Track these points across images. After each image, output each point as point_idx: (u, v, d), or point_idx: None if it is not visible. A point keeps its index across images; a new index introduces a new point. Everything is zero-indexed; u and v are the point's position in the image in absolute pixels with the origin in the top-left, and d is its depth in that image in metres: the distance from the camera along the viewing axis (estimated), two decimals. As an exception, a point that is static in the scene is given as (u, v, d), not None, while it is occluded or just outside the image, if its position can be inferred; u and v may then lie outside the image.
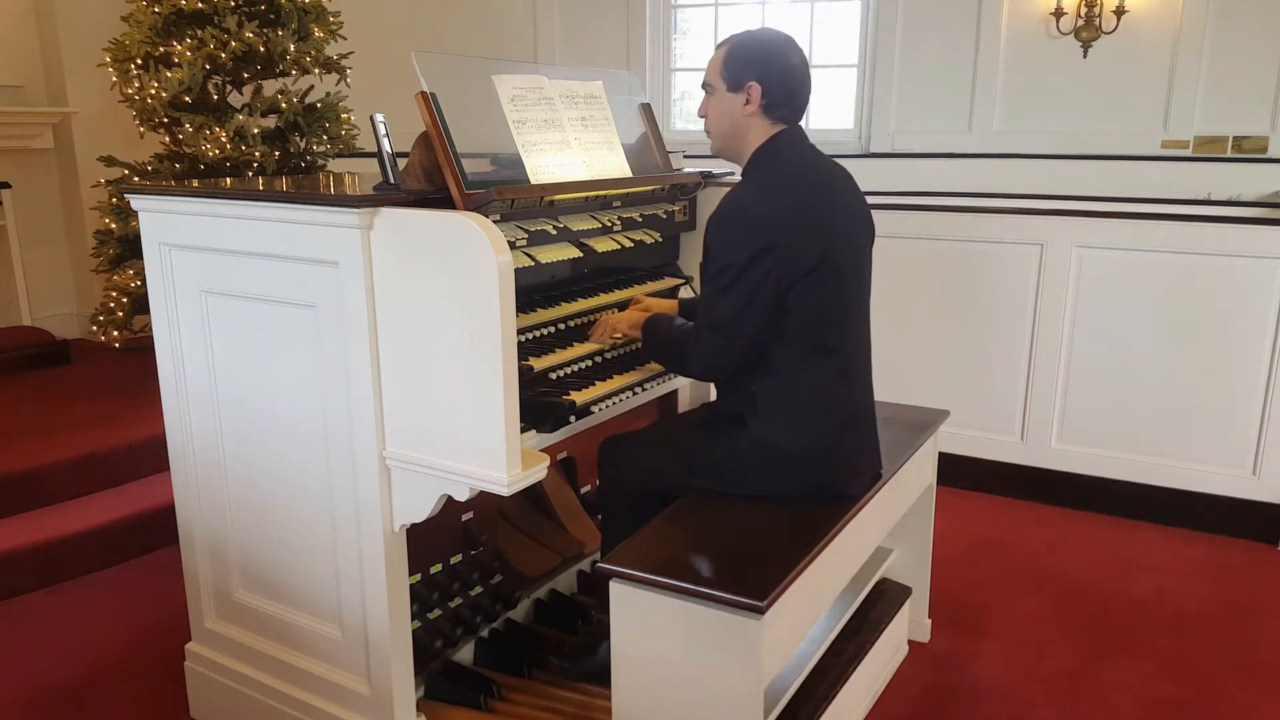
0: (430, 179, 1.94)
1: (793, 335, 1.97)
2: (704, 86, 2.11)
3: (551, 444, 2.03)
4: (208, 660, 2.32)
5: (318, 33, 4.24)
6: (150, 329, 2.21)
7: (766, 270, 1.91)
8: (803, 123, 2.09)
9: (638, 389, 2.22)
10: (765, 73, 1.99)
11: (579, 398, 2.02)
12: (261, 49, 4.01)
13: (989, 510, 3.66)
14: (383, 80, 4.76)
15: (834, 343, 2.02)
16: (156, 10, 3.97)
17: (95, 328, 4.14)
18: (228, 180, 2.86)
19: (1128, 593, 3.03)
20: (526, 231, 2.11)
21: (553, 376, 2.12)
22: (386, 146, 1.85)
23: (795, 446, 2.01)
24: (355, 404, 1.85)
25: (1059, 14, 5.55)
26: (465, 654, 2.40)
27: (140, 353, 3.98)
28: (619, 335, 2.25)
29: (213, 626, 2.30)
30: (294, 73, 4.22)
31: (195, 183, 2.41)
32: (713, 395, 2.44)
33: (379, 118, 1.85)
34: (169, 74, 3.94)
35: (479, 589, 2.35)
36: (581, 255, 2.25)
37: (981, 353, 3.75)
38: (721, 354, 1.99)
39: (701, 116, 2.13)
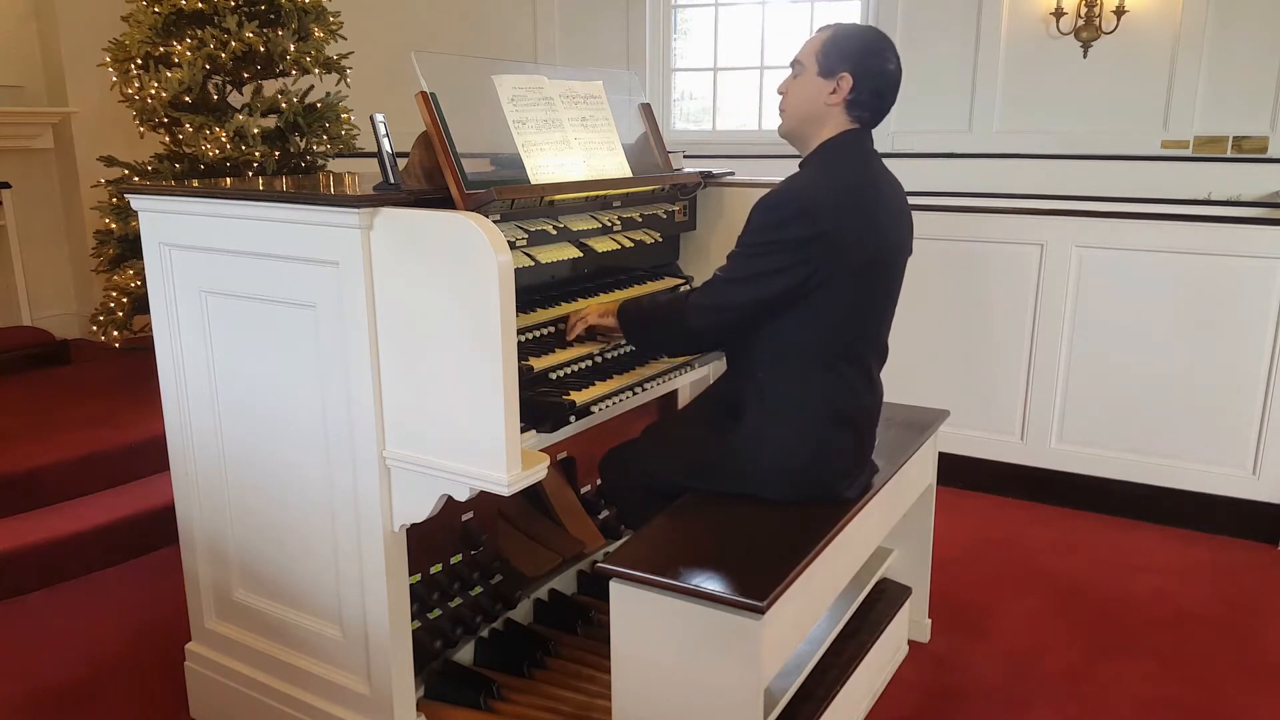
0: (430, 179, 1.94)
1: (815, 333, 1.96)
2: (793, 65, 2.05)
3: (551, 444, 2.03)
4: (208, 660, 2.32)
5: (318, 33, 4.23)
6: (150, 329, 2.21)
7: (810, 256, 1.88)
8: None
9: (638, 389, 2.22)
10: (861, 68, 1.95)
11: (579, 398, 2.02)
12: (261, 49, 4.00)
13: (989, 510, 3.66)
14: (383, 80, 4.76)
15: (853, 346, 2.01)
16: (156, 10, 3.96)
17: (95, 328, 4.14)
18: (228, 180, 2.86)
19: (1128, 593, 3.03)
20: (526, 231, 2.10)
21: (553, 376, 2.12)
22: (386, 146, 1.85)
23: (796, 444, 2.00)
24: (355, 404, 1.85)
25: (1059, 14, 5.55)
26: (465, 654, 2.40)
27: (140, 353, 3.98)
28: (590, 325, 2.17)
29: (213, 626, 2.30)
30: (294, 73, 4.21)
31: (195, 183, 2.40)
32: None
33: (379, 118, 1.85)
34: (169, 74, 3.94)
35: (479, 589, 2.35)
36: (581, 255, 2.24)
37: (981, 353, 3.75)
38: (726, 304, 1.94)
39: (780, 94, 2.08)
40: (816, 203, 1.90)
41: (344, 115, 4.41)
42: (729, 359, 2.18)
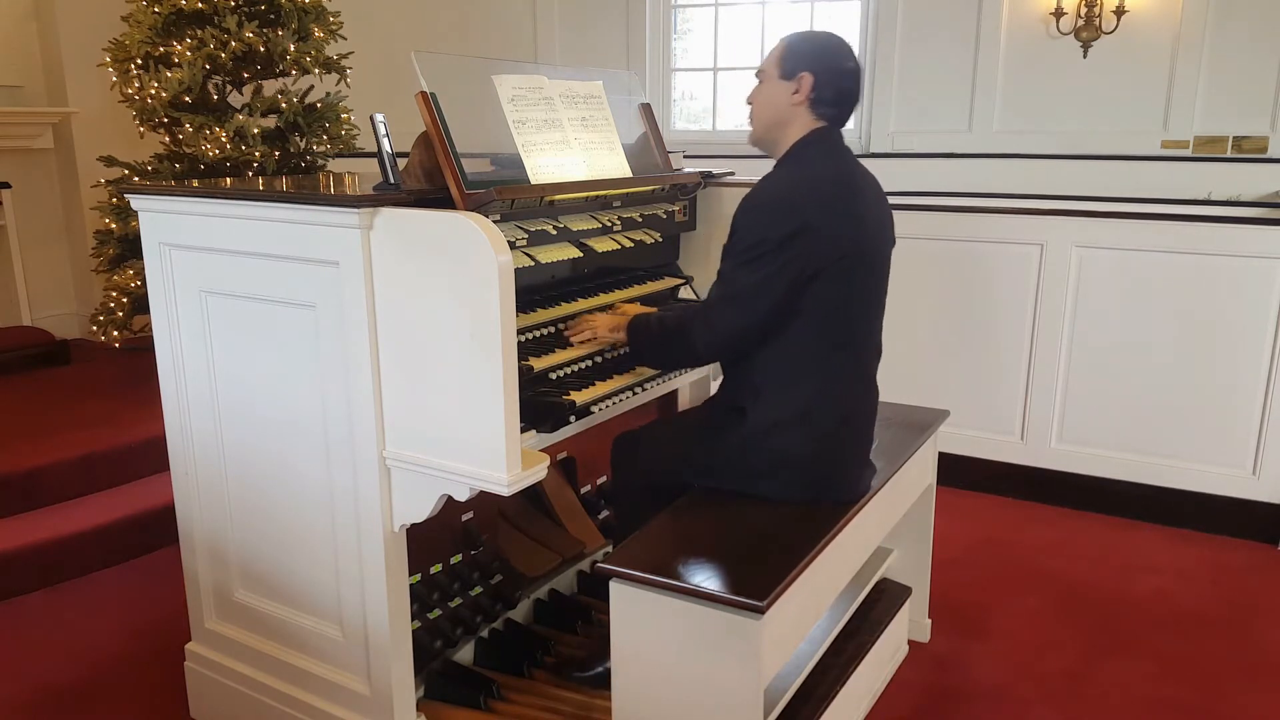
0: (430, 179, 1.94)
1: (806, 329, 1.97)
2: (757, 74, 2.11)
3: (551, 444, 2.03)
4: (208, 660, 2.32)
5: (318, 33, 4.23)
6: (150, 329, 2.21)
7: (797, 252, 1.91)
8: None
9: (638, 389, 2.22)
10: (821, 67, 2.01)
11: (579, 398, 2.02)
12: (261, 49, 4.00)
13: (989, 510, 3.66)
14: (383, 80, 4.76)
15: (845, 340, 2.02)
16: (156, 10, 3.96)
17: (95, 328, 4.14)
18: (228, 180, 2.86)
19: (1128, 593, 3.03)
20: (526, 231, 2.11)
21: (553, 376, 2.12)
22: (386, 146, 1.85)
23: (794, 441, 2.01)
24: (355, 404, 1.85)
25: (1059, 14, 5.54)
26: (465, 654, 2.40)
27: (140, 353, 3.98)
28: (597, 338, 2.20)
29: (213, 626, 2.30)
30: (294, 73, 4.21)
31: (195, 183, 2.40)
32: (714, 390, 2.44)
33: (379, 118, 1.85)
34: (169, 74, 3.94)
35: (479, 589, 2.35)
36: (581, 255, 2.25)
37: (981, 353, 3.75)
38: (732, 327, 1.97)
39: (748, 104, 2.13)
40: (796, 198, 1.94)
41: (344, 115, 4.41)
42: (724, 367, 2.18)
